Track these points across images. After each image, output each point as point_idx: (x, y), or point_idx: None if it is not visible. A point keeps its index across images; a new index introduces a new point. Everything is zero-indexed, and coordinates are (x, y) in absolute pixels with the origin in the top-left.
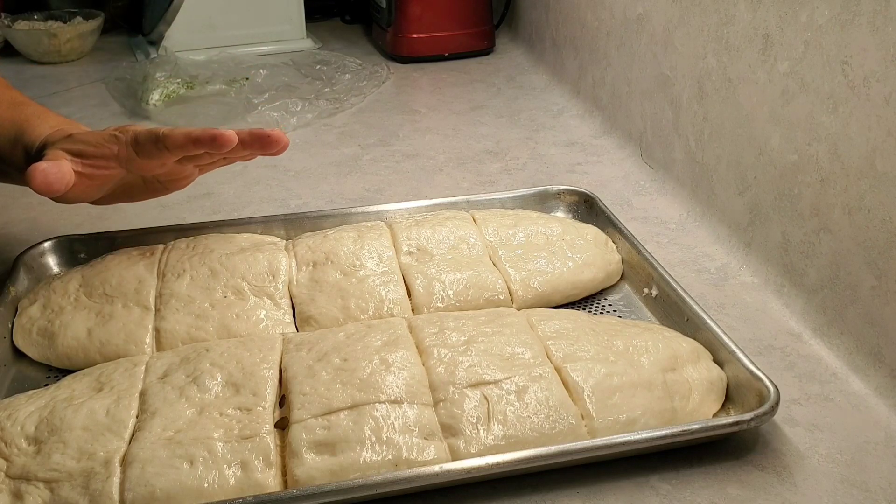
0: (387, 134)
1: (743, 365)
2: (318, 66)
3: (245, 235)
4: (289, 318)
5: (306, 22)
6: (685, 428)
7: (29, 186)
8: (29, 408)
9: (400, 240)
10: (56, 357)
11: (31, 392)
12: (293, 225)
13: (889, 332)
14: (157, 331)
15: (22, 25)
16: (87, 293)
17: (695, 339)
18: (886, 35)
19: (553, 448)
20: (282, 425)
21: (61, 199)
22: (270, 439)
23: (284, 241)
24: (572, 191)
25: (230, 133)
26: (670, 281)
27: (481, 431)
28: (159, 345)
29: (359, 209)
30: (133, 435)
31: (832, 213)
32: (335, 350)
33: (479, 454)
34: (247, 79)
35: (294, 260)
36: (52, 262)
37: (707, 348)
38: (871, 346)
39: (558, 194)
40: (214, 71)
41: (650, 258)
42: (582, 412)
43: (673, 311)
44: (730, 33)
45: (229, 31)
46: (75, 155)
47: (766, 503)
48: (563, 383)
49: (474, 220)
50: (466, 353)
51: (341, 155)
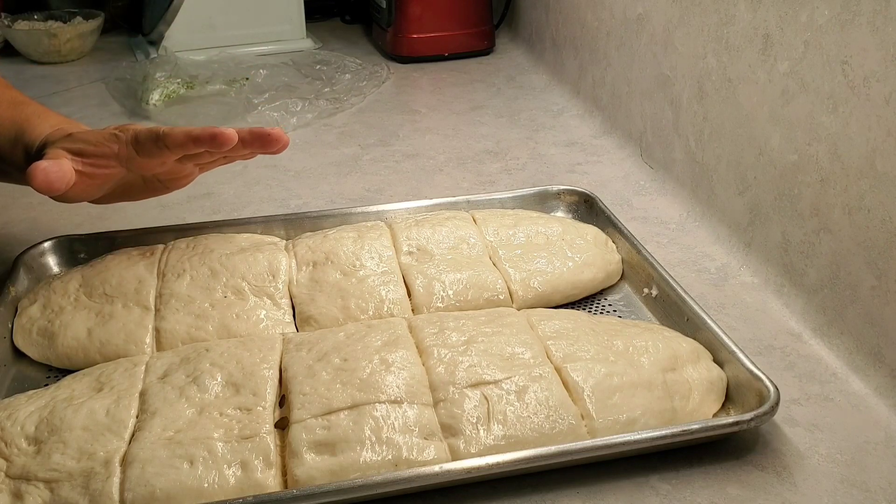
0: (387, 134)
1: (743, 365)
2: (318, 66)
3: (245, 235)
4: (289, 318)
5: (306, 22)
6: (685, 428)
7: (30, 185)
8: (29, 408)
9: (400, 240)
10: (56, 357)
11: (31, 392)
12: (293, 225)
13: (889, 332)
14: (157, 331)
15: (22, 25)
16: (87, 293)
17: (695, 339)
18: (886, 35)
19: (553, 448)
20: (282, 425)
21: (62, 198)
22: (270, 439)
23: (284, 241)
24: (572, 191)
25: (230, 132)
26: (670, 281)
27: (481, 431)
28: (159, 345)
29: (359, 209)
30: (133, 435)
31: (832, 213)
32: (335, 350)
33: (479, 454)
34: (247, 79)
35: (294, 260)
36: (52, 262)
37: (707, 348)
38: (871, 346)
39: (558, 194)
40: (214, 71)
41: (650, 258)
42: (582, 412)
43: (673, 311)
44: (730, 33)
45: (229, 31)
46: (76, 154)
47: (766, 503)
48: (563, 383)
49: (474, 220)
50: (466, 353)
51: (341, 155)
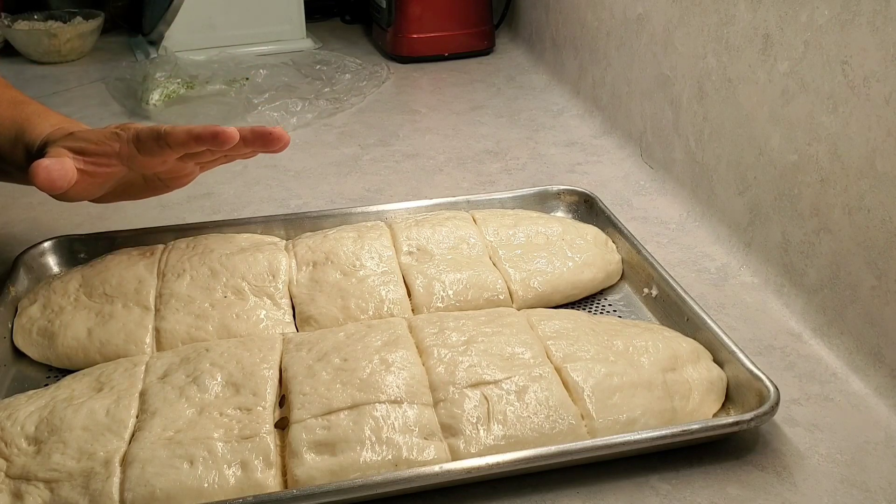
0: (387, 134)
1: (743, 365)
2: (318, 66)
3: (245, 235)
4: (289, 318)
5: (306, 22)
6: (685, 428)
7: (32, 183)
8: (29, 408)
9: (400, 240)
10: (56, 357)
11: (31, 392)
12: (293, 225)
13: (889, 332)
14: (157, 331)
15: (22, 25)
16: (87, 293)
17: (695, 339)
18: (886, 35)
19: (553, 448)
20: (282, 425)
21: (63, 196)
22: (270, 439)
23: (284, 241)
24: (572, 191)
25: (232, 130)
26: (670, 281)
27: (481, 431)
28: (159, 345)
29: (359, 209)
30: (133, 435)
31: (832, 213)
32: (335, 350)
33: (479, 454)
34: (247, 79)
35: (294, 260)
36: (52, 262)
37: (707, 348)
38: (871, 346)
39: (558, 194)
40: (214, 71)
41: (650, 258)
42: (582, 412)
43: (673, 311)
44: (730, 33)
45: (229, 31)
46: (77, 153)
47: (766, 503)
48: (563, 383)
49: (474, 220)
50: (466, 353)
51: (341, 155)
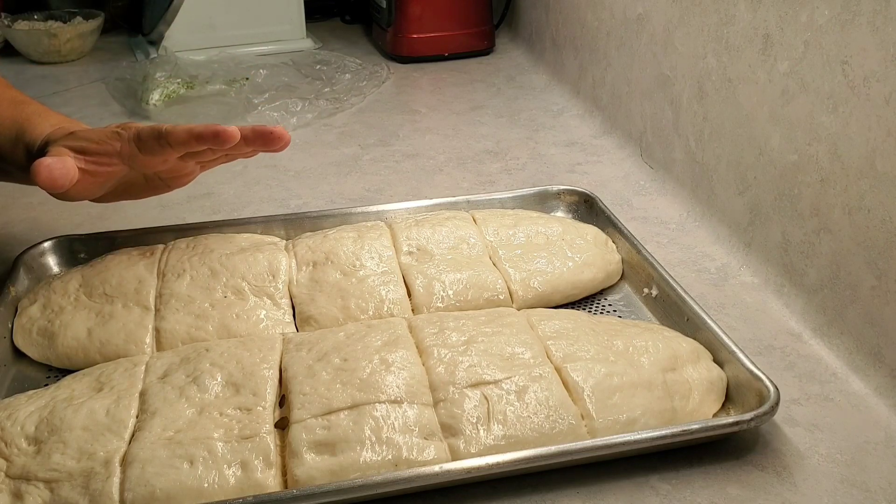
0: (387, 134)
1: (743, 365)
2: (318, 66)
3: (245, 235)
4: (289, 318)
5: (306, 22)
6: (685, 428)
7: (34, 182)
8: (29, 408)
9: (400, 240)
10: (56, 357)
11: (31, 392)
12: (293, 225)
13: (889, 332)
14: (157, 331)
15: (22, 25)
16: (87, 293)
17: (695, 339)
18: (886, 35)
19: (553, 448)
20: (282, 425)
21: (64, 196)
22: (270, 439)
23: (284, 241)
24: (572, 191)
25: (233, 129)
26: (670, 281)
27: (481, 431)
28: (159, 345)
29: (359, 209)
30: (133, 435)
31: (832, 213)
32: (335, 350)
33: (479, 454)
34: (247, 79)
35: (294, 260)
36: (52, 262)
37: (707, 348)
38: (871, 346)
39: (558, 194)
40: (214, 71)
41: (650, 258)
42: (582, 412)
43: (673, 311)
44: (730, 33)
45: (229, 31)
46: (78, 152)
47: (766, 503)
48: (563, 383)
49: (474, 220)
50: (466, 353)
51: (341, 155)
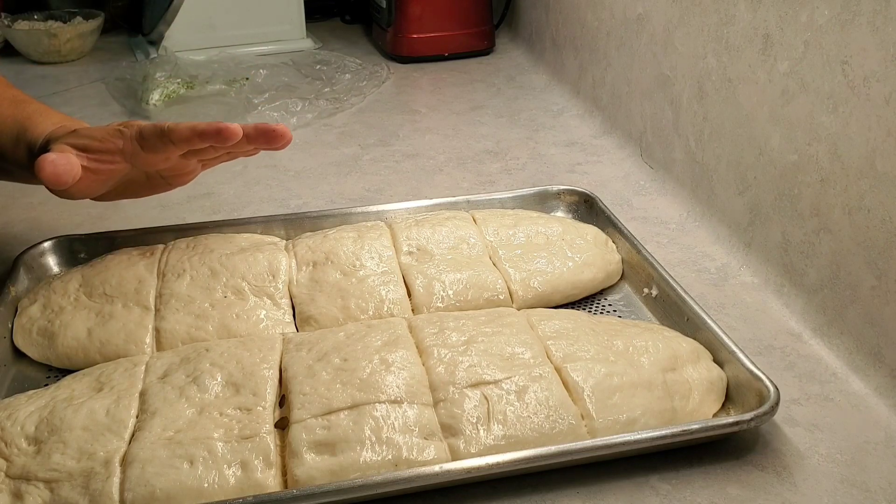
0: (387, 134)
1: (743, 365)
2: (318, 66)
3: (245, 235)
4: (289, 318)
5: (306, 22)
6: (685, 428)
7: (38, 178)
8: (29, 408)
9: (400, 240)
10: (56, 357)
11: (31, 392)
12: (293, 225)
13: (889, 332)
14: (157, 331)
15: (22, 25)
16: (87, 293)
17: (695, 339)
18: (886, 35)
19: (553, 448)
20: (282, 425)
21: (66, 193)
22: (270, 439)
23: (284, 241)
24: (572, 191)
25: (235, 126)
26: (670, 281)
27: (481, 431)
28: (159, 345)
29: (359, 209)
30: (133, 435)
31: (832, 213)
32: (335, 350)
33: (479, 454)
34: (247, 79)
35: (294, 260)
36: (52, 262)
37: (707, 348)
38: (871, 346)
39: (558, 194)
40: (214, 71)
41: (650, 258)
42: (582, 412)
43: (673, 311)
44: (730, 33)
45: (229, 31)
46: (80, 150)
47: (766, 503)
48: (563, 383)
49: (474, 220)
50: (466, 353)
51: (341, 155)
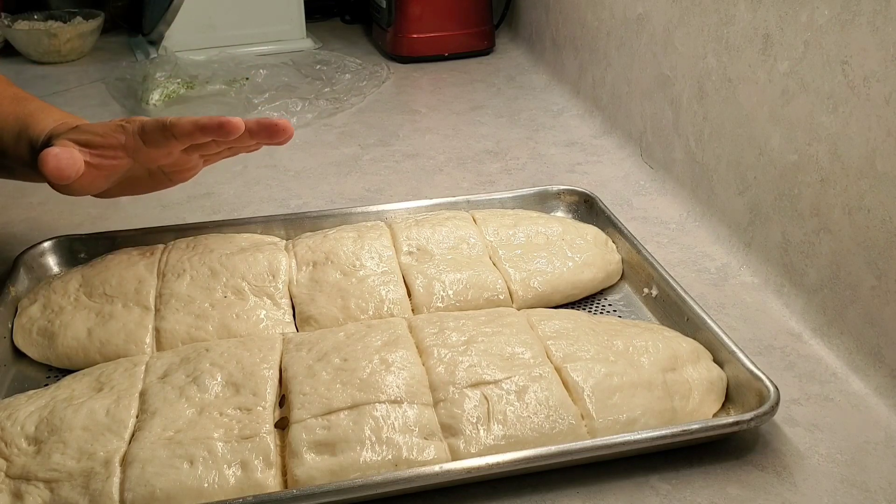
0: (387, 134)
1: (743, 365)
2: (318, 66)
3: (245, 235)
4: (289, 318)
5: (306, 22)
6: (685, 428)
7: (40, 172)
8: (29, 408)
9: (400, 240)
10: (56, 357)
11: (31, 392)
12: (293, 225)
13: (889, 332)
14: (157, 331)
15: (22, 25)
16: (87, 293)
17: (695, 339)
18: (886, 35)
19: (553, 448)
20: (282, 425)
21: (68, 189)
22: (270, 439)
23: (284, 241)
24: (572, 191)
25: (237, 120)
26: (670, 281)
27: (481, 431)
28: (159, 345)
29: (359, 209)
30: (133, 435)
31: (832, 213)
32: (335, 350)
33: (479, 454)
34: (247, 79)
35: (294, 260)
36: (52, 262)
37: (707, 348)
38: (871, 346)
39: (558, 194)
40: (214, 71)
41: (650, 258)
42: (582, 412)
43: (673, 311)
44: (730, 33)
45: (229, 31)
46: (82, 145)
47: (766, 503)
48: (563, 383)
49: (474, 220)
50: (466, 353)
51: (341, 155)
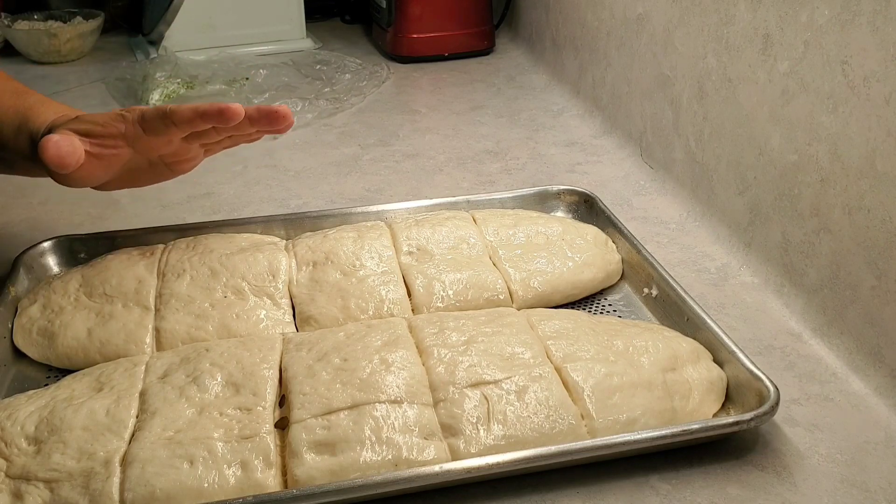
0: (387, 134)
1: (743, 365)
2: (318, 66)
3: (245, 235)
4: (289, 318)
5: (306, 22)
6: (685, 428)
7: (41, 159)
8: (29, 408)
9: (400, 240)
10: (56, 357)
11: (31, 392)
12: (293, 225)
13: (889, 332)
14: (157, 331)
15: (22, 25)
16: (87, 293)
17: (695, 339)
18: (886, 35)
19: (553, 448)
20: (282, 425)
21: (69, 179)
22: (270, 439)
23: (284, 241)
24: (572, 191)
25: (237, 106)
26: (670, 281)
27: (481, 431)
28: (159, 345)
29: (359, 209)
30: (133, 435)
31: (832, 213)
32: (335, 350)
33: (479, 454)
34: (247, 79)
35: (294, 260)
36: (52, 262)
37: (707, 348)
38: (871, 346)
39: (558, 194)
40: (214, 71)
41: (650, 258)
42: (582, 412)
43: (673, 311)
44: (730, 33)
45: (229, 31)
46: (83, 135)
47: (766, 503)
48: (563, 383)
49: (474, 220)
50: (466, 353)
51: (341, 155)
